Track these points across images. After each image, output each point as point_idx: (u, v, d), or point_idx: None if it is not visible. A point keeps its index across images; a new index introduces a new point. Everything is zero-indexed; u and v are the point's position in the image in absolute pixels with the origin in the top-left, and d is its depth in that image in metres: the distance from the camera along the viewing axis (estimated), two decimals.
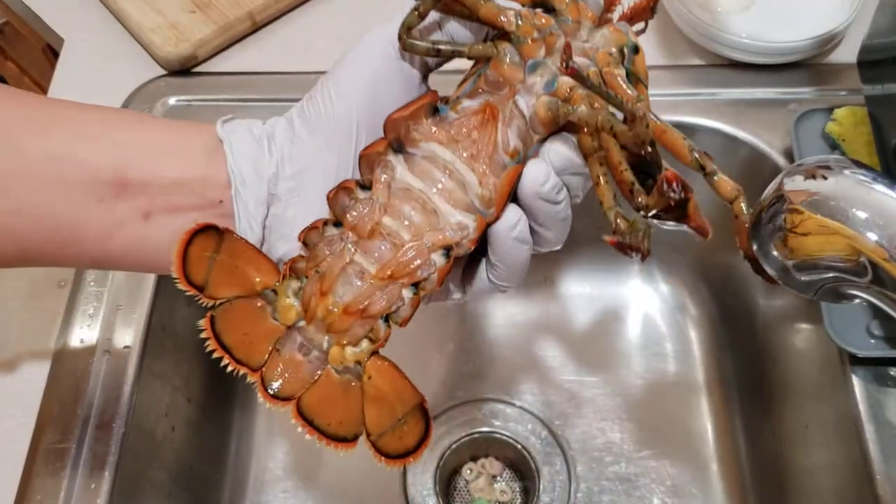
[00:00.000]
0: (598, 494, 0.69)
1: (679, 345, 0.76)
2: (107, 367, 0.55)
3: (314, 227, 0.36)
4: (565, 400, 0.73)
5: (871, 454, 0.51)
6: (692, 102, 0.65)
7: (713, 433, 0.71)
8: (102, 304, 0.58)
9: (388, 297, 0.35)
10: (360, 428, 0.37)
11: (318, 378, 0.37)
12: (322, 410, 0.37)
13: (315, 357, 0.37)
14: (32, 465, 0.52)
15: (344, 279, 0.35)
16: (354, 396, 0.37)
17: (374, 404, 0.37)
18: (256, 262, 0.37)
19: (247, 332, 0.37)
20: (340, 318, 0.35)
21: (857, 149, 0.59)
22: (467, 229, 0.35)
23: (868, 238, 0.32)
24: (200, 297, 0.37)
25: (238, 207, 0.38)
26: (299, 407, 0.37)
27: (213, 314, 0.37)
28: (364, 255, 0.35)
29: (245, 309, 0.37)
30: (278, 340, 0.37)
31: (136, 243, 0.38)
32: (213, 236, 0.36)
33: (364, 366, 0.37)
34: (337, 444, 0.37)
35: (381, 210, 0.35)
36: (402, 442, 0.37)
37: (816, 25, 0.64)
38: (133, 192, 0.37)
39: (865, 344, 0.53)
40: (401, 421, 0.37)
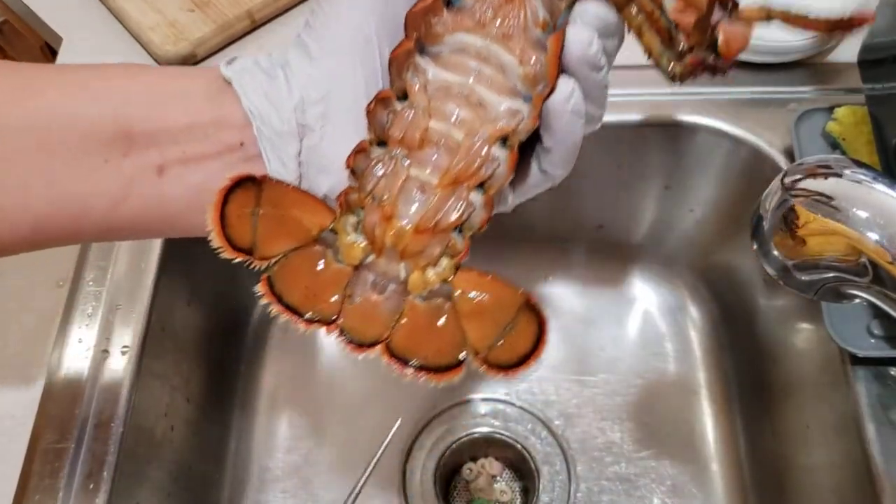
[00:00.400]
0: (598, 494, 0.69)
1: (679, 344, 0.76)
2: (105, 367, 0.55)
3: (361, 149, 0.33)
4: (565, 400, 0.73)
5: (872, 454, 0.51)
6: (692, 102, 0.65)
7: (713, 433, 0.71)
8: (101, 304, 0.58)
9: (458, 205, 0.32)
10: (462, 351, 0.34)
11: (402, 312, 0.34)
12: (415, 345, 0.34)
13: (392, 291, 0.34)
14: (31, 465, 0.52)
15: (405, 198, 0.32)
16: (447, 319, 0.34)
17: (473, 319, 0.34)
18: (305, 205, 0.34)
19: (309, 284, 0.34)
20: (413, 239, 0.32)
21: (858, 148, 0.59)
22: (520, 113, 0.32)
23: (868, 238, 0.32)
24: (252, 262, 0.34)
25: (265, 147, 0.34)
26: (390, 349, 0.34)
27: (270, 275, 0.34)
28: (419, 166, 0.32)
29: (303, 260, 0.34)
30: (347, 285, 0.34)
31: (152, 203, 0.35)
32: (251, 189, 0.33)
33: (452, 282, 0.34)
34: (441, 376, 0.34)
35: (425, 115, 0.32)
36: (516, 349, 0.34)
37: None
38: (141, 147, 0.34)
39: (866, 344, 0.53)
40: (508, 327, 0.34)
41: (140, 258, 0.60)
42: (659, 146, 0.68)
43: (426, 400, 0.73)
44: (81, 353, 0.56)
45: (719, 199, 0.70)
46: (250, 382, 0.74)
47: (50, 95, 0.34)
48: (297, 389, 0.74)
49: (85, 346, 0.56)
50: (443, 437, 0.71)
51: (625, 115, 0.65)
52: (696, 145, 0.66)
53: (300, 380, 0.75)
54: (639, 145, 0.68)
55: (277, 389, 0.74)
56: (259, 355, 0.76)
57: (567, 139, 0.34)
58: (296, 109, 0.34)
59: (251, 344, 0.76)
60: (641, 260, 0.78)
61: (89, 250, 0.60)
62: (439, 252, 0.33)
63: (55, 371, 0.55)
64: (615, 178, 0.71)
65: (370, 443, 0.71)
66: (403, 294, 0.34)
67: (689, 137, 0.66)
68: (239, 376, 0.74)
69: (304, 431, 0.72)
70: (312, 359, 0.76)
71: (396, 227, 0.32)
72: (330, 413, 0.73)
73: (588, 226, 0.76)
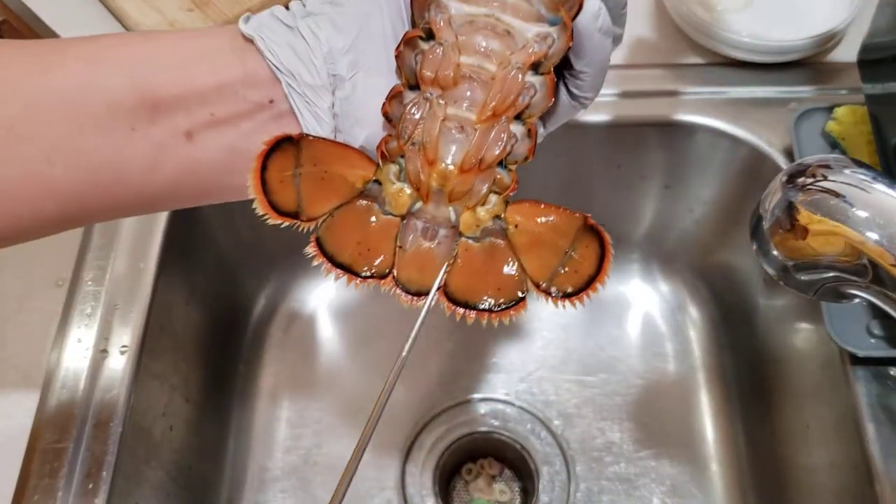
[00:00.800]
0: (598, 494, 0.68)
1: (679, 344, 0.76)
2: (104, 367, 0.55)
3: (395, 94, 0.32)
4: (565, 400, 0.73)
5: (872, 454, 0.51)
6: (692, 101, 0.65)
7: (713, 433, 0.71)
8: (100, 304, 0.58)
9: (500, 139, 0.32)
10: (522, 285, 0.33)
11: (456, 255, 0.33)
12: (474, 287, 0.33)
13: (443, 236, 0.33)
14: (30, 465, 0.51)
15: (446, 139, 0.32)
16: (504, 256, 0.33)
17: (530, 251, 0.33)
18: (346, 159, 0.33)
19: (360, 240, 0.33)
20: (460, 180, 0.32)
21: (858, 148, 0.58)
22: (550, 36, 0.32)
23: (868, 237, 0.32)
24: (299, 224, 0.33)
25: (296, 102, 0.33)
26: (448, 294, 0.33)
27: (318, 235, 0.33)
28: (456, 104, 0.32)
29: (350, 216, 0.33)
30: (397, 235, 0.33)
31: (185, 169, 0.34)
32: (289, 149, 0.32)
33: (505, 217, 0.33)
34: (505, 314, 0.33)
35: (454, 51, 0.31)
36: (580, 273, 0.33)
37: (817, 24, 0.64)
38: (167, 112, 0.33)
39: (865, 343, 0.53)
40: (569, 252, 0.33)
41: (139, 258, 0.60)
42: (659, 146, 0.68)
43: (426, 399, 0.73)
44: (80, 353, 0.56)
45: (719, 198, 0.70)
46: (249, 382, 0.74)
47: (71, 67, 0.33)
48: (296, 389, 0.74)
49: (84, 346, 0.56)
50: (442, 436, 0.71)
51: (625, 115, 0.65)
52: (695, 145, 0.66)
53: (299, 379, 0.75)
54: (639, 145, 0.68)
55: (276, 389, 0.74)
56: (258, 355, 0.76)
57: (597, 60, 0.33)
58: (326, 61, 0.33)
59: (250, 343, 0.76)
60: (641, 259, 0.78)
61: (88, 250, 0.60)
62: (487, 189, 0.32)
63: (54, 371, 0.55)
64: (615, 177, 0.71)
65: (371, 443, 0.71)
66: (455, 237, 0.33)
67: (689, 137, 0.66)
68: (238, 376, 0.74)
69: (303, 431, 0.72)
70: (312, 358, 0.76)
71: (440, 170, 0.32)
72: (329, 413, 0.73)
73: None
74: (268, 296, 0.78)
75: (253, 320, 0.77)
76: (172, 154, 0.34)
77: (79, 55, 0.33)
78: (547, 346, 0.76)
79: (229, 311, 0.75)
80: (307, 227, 0.33)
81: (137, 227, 0.61)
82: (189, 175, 0.34)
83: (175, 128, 0.33)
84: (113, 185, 0.34)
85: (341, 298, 0.79)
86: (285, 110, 0.34)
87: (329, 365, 0.76)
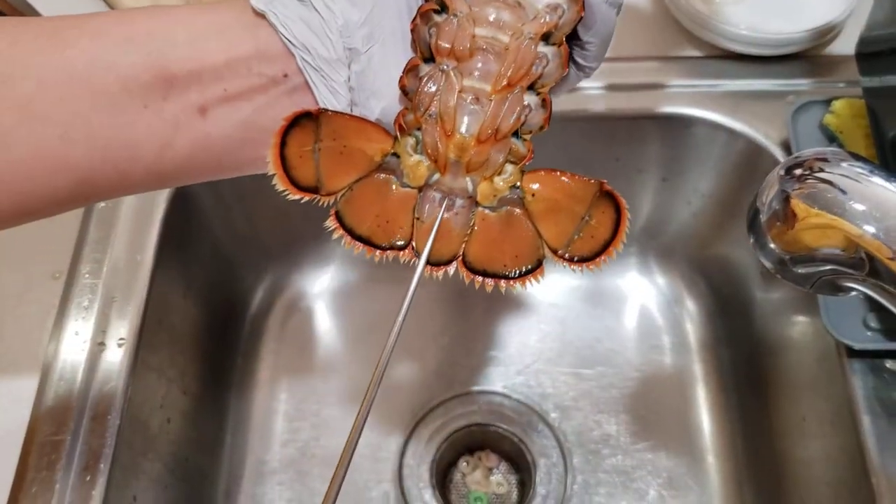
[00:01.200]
0: (595, 487, 0.69)
1: (676, 337, 0.76)
2: (102, 360, 0.55)
3: (412, 67, 0.33)
4: (562, 392, 0.73)
5: (868, 446, 0.51)
6: (689, 94, 0.65)
7: (710, 425, 0.71)
8: (97, 297, 0.57)
9: (514, 109, 0.32)
10: (539, 252, 0.34)
11: (473, 225, 0.34)
12: (491, 255, 0.34)
13: (461, 206, 0.33)
14: (27, 457, 0.52)
15: (462, 110, 0.32)
16: (520, 224, 0.34)
17: (547, 219, 0.34)
18: (364, 132, 0.33)
19: (379, 212, 0.34)
20: (477, 150, 0.32)
21: (855, 141, 0.58)
22: (560, 7, 0.32)
23: (865, 230, 0.32)
24: (319, 199, 0.33)
25: (311, 76, 0.34)
26: (467, 263, 0.34)
27: (338, 209, 0.33)
28: (470, 76, 0.32)
29: (369, 189, 0.33)
30: (416, 207, 0.34)
31: (198, 145, 0.34)
32: (307, 125, 0.33)
33: (521, 186, 0.33)
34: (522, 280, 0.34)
35: (469, 22, 0.32)
36: (596, 238, 0.34)
37: (815, 17, 0.64)
38: (181, 88, 0.33)
39: (862, 336, 0.53)
40: (585, 218, 0.34)
41: (136, 251, 0.60)
42: (656, 139, 0.68)
43: (423, 392, 0.73)
44: (78, 346, 0.56)
45: (716, 191, 0.70)
46: (247, 375, 0.74)
47: (83, 44, 0.33)
48: (294, 382, 0.74)
49: (81, 339, 0.56)
50: (440, 429, 0.71)
51: (622, 108, 0.65)
52: (693, 138, 0.66)
53: (297, 372, 0.75)
54: (636, 138, 0.68)
55: (274, 382, 0.74)
56: (255, 348, 0.76)
57: (603, 30, 0.34)
58: (342, 34, 0.33)
59: (247, 336, 0.76)
60: (638, 252, 0.78)
61: (85, 243, 0.60)
62: (503, 159, 0.33)
63: (51, 363, 0.55)
64: (612, 170, 0.71)
65: (367, 436, 0.71)
66: (471, 208, 0.34)
67: (687, 130, 0.66)
68: (235, 369, 0.74)
69: (301, 424, 0.72)
70: (309, 351, 0.76)
71: (457, 141, 0.32)
72: (326, 406, 0.73)
73: None
74: (265, 289, 0.78)
75: (250, 313, 0.77)
76: (186, 130, 0.34)
77: (90, 32, 0.33)
78: (544, 339, 0.76)
79: (227, 303, 0.75)
80: (326, 201, 0.33)
81: (134, 219, 0.61)
82: (203, 150, 0.35)
83: (188, 104, 0.34)
84: (126, 162, 0.34)
85: (339, 291, 0.79)
86: (299, 84, 0.34)
87: (326, 358, 0.76)
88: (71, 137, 0.33)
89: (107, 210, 0.61)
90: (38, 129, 0.33)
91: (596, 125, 0.66)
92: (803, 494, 0.61)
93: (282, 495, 0.69)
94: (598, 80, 0.66)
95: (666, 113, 0.65)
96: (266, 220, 0.75)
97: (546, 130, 0.33)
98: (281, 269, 0.79)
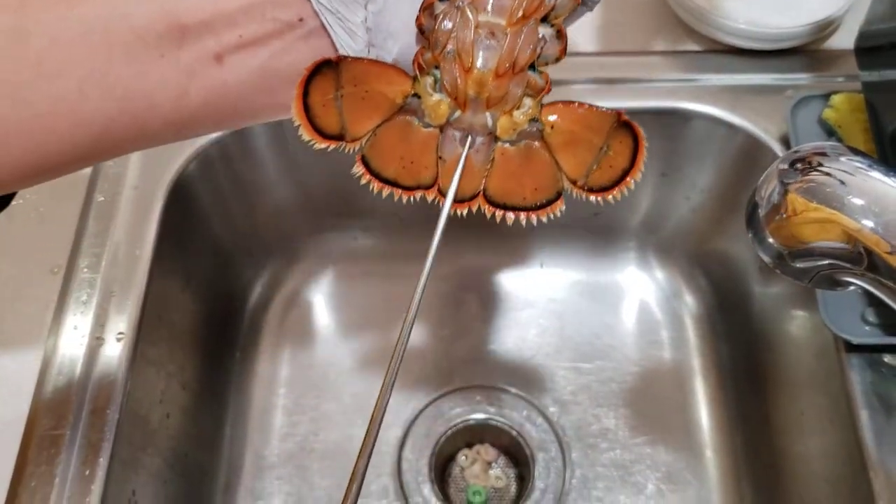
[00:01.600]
0: (593, 481, 0.69)
1: (674, 332, 0.76)
2: (101, 354, 0.55)
3: (428, 5, 0.33)
4: (561, 387, 0.73)
5: (866, 441, 0.51)
6: (688, 88, 0.65)
7: (708, 420, 0.71)
8: (96, 291, 0.57)
9: (529, 41, 0.32)
10: (559, 184, 0.34)
11: (493, 160, 0.34)
12: (511, 188, 0.34)
13: (481, 143, 0.34)
14: (27, 451, 0.52)
15: (479, 46, 0.32)
16: (540, 157, 0.34)
17: (566, 150, 0.34)
18: (384, 76, 0.34)
19: (403, 154, 0.34)
20: (495, 85, 0.33)
21: (854, 135, 0.58)
22: None
23: (864, 225, 0.32)
24: (344, 146, 0.34)
25: (328, 19, 0.33)
26: (488, 198, 0.34)
27: (364, 154, 0.34)
28: (485, 12, 0.32)
29: (392, 132, 0.34)
30: (438, 146, 0.34)
31: (215, 93, 0.34)
32: (329, 73, 0.33)
33: (540, 119, 0.34)
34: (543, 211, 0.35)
35: None
36: (614, 167, 0.34)
37: (814, 11, 0.64)
38: (195, 36, 0.33)
39: (860, 331, 0.53)
40: (603, 149, 0.34)
41: (135, 245, 0.59)
42: (655, 133, 0.67)
43: (421, 386, 0.73)
44: (77, 341, 0.56)
45: (715, 186, 0.70)
46: (246, 369, 0.74)
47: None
48: (293, 377, 0.74)
49: (80, 334, 0.56)
50: (438, 423, 0.71)
51: (620, 102, 0.65)
52: (692, 132, 0.66)
53: (296, 367, 0.75)
54: None
55: (273, 377, 0.74)
56: (254, 342, 0.76)
57: None
58: None
59: (246, 331, 0.76)
60: (637, 247, 0.79)
61: (84, 238, 0.60)
62: (521, 92, 0.33)
63: (50, 358, 0.55)
64: None
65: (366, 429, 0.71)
66: (490, 144, 0.34)
67: (686, 124, 0.66)
68: (234, 363, 0.74)
69: (300, 419, 0.72)
70: (308, 346, 0.76)
71: (476, 76, 0.32)
72: (326, 400, 0.73)
73: (584, 213, 0.76)
74: (264, 284, 0.78)
75: (249, 308, 0.77)
76: (202, 78, 0.34)
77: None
78: (543, 334, 0.76)
79: (225, 298, 0.75)
80: (352, 148, 0.34)
81: (133, 214, 0.61)
82: (219, 98, 0.35)
83: (204, 52, 0.34)
84: (144, 113, 0.34)
85: (337, 286, 0.79)
86: (315, 28, 0.34)
87: (325, 352, 0.76)
88: (88, 91, 0.33)
89: (105, 204, 0.61)
90: (54, 84, 0.33)
91: None
92: (801, 489, 0.61)
93: (281, 489, 0.69)
94: (597, 74, 0.66)
95: (665, 107, 0.65)
96: (265, 214, 0.75)
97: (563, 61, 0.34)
98: (280, 265, 0.79)
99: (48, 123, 0.33)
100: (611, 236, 0.78)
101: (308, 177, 0.72)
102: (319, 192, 0.74)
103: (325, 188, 0.74)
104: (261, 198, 0.73)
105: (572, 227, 0.78)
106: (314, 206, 0.75)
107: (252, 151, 0.68)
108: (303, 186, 0.73)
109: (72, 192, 0.61)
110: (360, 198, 0.74)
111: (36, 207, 0.61)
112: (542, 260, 0.79)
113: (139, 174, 0.62)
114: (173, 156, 0.64)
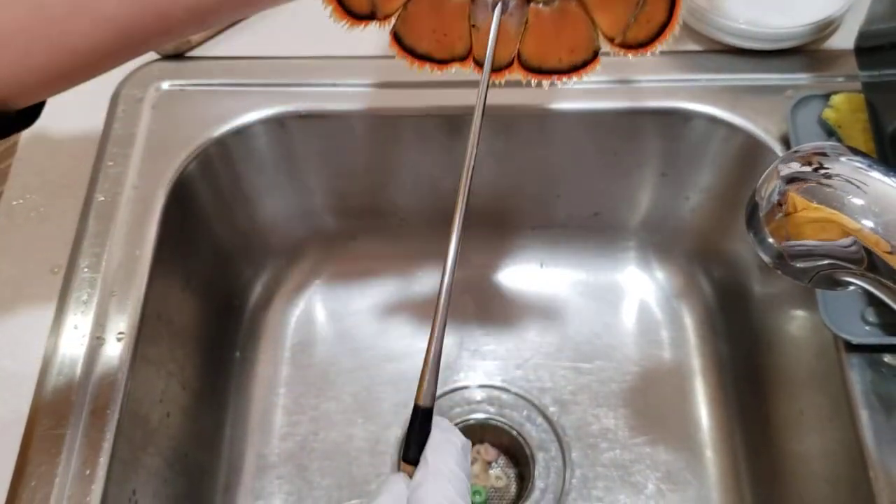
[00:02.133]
0: (593, 480, 0.69)
1: (674, 332, 0.76)
2: (101, 354, 0.55)
3: None
4: (560, 386, 0.73)
5: (865, 441, 0.51)
6: (688, 88, 0.65)
7: (708, 420, 0.71)
8: (96, 291, 0.57)
9: None
10: (595, 43, 0.33)
11: (527, 23, 0.33)
12: (547, 50, 0.34)
13: (514, 6, 0.33)
14: (27, 451, 0.52)
15: None
16: (575, 15, 0.33)
17: (602, 7, 0.33)
18: None
19: (436, 27, 0.33)
20: None
21: (854, 136, 0.58)
22: None
23: (864, 225, 0.32)
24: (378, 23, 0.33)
25: None
26: (523, 62, 0.34)
27: (395, 30, 0.33)
28: None
29: (423, 4, 0.33)
30: (470, 14, 0.33)
31: None
32: None
33: None
34: (579, 72, 0.34)
35: None
36: (652, 21, 0.33)
37: (814, 11, 0.64)
38: None
39: (860, 331, 0.53)
40: (640, 3, 0.33)
41: (135, 245, 0.59)
42: (655, 133, 0.67)
43: None
44: (77, 340, 0.56)
45: (715, 186, 0.70)
46: (246, 369, 0.74)
47: None
48: (293, 377, 0.74)
49: (80, 333, 0.56)
50: None
51: (620, 102, 0.65)
52: (692, 132, 0.66)
53: (296, 367, 0.75)
54: (634, 132, 0.68)
55: (273, 377, 0.74)
56: (254, 342, 0.76)
57: None
58: None
59: (246, 330, 0.76)
60: (637, 247, 0.79)
61: (84, 237, 0.60)
62: None
63: (51, 358, 0.55)
64: (611, 165, 0.71)
65: (366, 428, 0.71)
66: (525, 4, 0.33)
67: (686, 124, 0.66)
68: (234, 363, 0.74)
69: (300, 418, 0.72)
70: (308, 346, 0.76)
71: None
72: (326, 400, 0.73)
73: (583, 213, 0.76)
74: (264, 284, 0.78)
75: (249, 308, 0.77)
76: None
77: None
78: (543, 334, 0.76)
79: (226, 298, 0.75)
80: (384, 25, 0.33)
81: (133, 214, 0.61)
82: None
83: None
84: (165, 3, 0.34)
85: (337, 285, 0.79)
86: None
87: (325, 352, 0.76)
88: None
89: (105, 204, 0.61)
90: None
91: (595, 120, 0.66)
92: (801, 488, 0.61)
93: (281, 489, 0.69)
94: (597, 74, 0.66)
95: (665, 107, 0.65)
96: (265, 214, 0.75)
97: None
98: (279, 265, 0.79)
99: (68, 24, 0.33)
100: (611, 236, 0.78)
101: (308, 177, 0.72)
102: (320, 192, 0.74)
103: (326, 188, 0.74)
104: (261, 198, 0.73)
105: (572, 227, 0.78)
106: (314, 206, 0.75)
107: (252, 151, 0.68)
108: (303, 186, 0.73)
109: (72, 192, 0.61)
110: (360, 198, 0.74)
111: (36, 207, 0.61)
112: (542, 260, 0.79)
113: (139, 174, 0.62)
114: (173, 156, 0.64)
